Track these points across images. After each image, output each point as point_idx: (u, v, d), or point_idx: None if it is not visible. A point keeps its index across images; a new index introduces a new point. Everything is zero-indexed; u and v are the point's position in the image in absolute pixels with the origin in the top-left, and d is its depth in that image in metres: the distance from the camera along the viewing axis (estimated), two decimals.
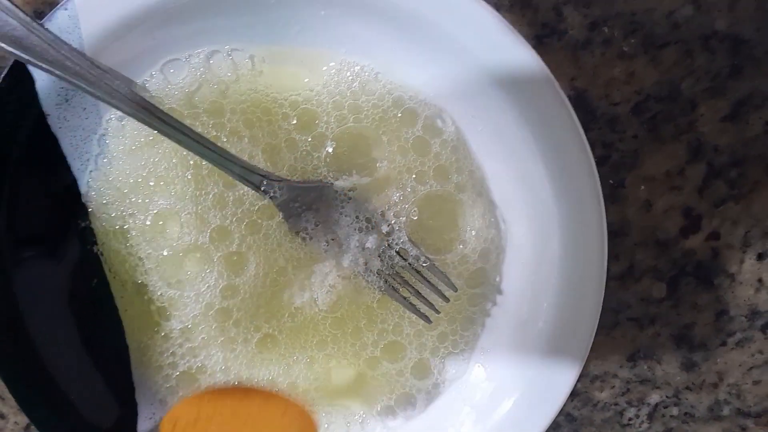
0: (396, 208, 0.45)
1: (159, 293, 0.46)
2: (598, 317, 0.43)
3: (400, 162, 0.45)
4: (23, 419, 0.51)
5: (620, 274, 0.50)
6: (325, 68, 0.45)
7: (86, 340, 0.45)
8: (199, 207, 0.45)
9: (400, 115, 0.45)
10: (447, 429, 0.46)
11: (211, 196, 0.45)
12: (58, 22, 0.40)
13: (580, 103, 0.48)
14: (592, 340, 0.44)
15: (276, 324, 0.46)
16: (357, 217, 0.45)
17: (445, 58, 0.43)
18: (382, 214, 0.45)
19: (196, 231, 0.45)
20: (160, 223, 0.45)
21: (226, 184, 0.45)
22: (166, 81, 0.44)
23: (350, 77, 0.44)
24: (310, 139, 0.45)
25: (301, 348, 0.47)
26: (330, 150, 0.45)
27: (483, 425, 0.45)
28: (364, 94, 0.45)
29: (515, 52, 0.41)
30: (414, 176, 0.45)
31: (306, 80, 0.45)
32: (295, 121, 0.45)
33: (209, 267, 0.45)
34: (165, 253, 0.45)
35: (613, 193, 0.49)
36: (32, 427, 0.49)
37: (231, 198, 0.45)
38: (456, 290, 0.46)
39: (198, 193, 0.44)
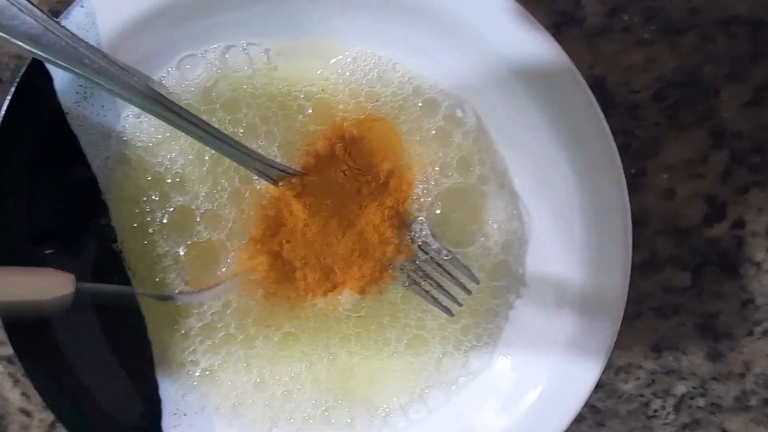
0: (419, 202, 0.45)
1: (177, 291, 0.45)
2: (623, 308, 0.43)
3: (422, 153, 0.45)
4: (49, 416, 0.51)
5: (642, 264, 0.49)
6: (340, 57, 0.44)
7: (109, 337, 0.45)
8: (216, 203, 0.44)
9: (420, 104, 0.45)
10: (471, 421, 0.46)
11: (228, 191, 0.44)
12: (74, 19, 0.41)
13: (599, 90, 0.47)
14: (617, 331, 0.43)
15: (298, 323, 0.46)
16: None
17: (464, 47, 0.42)
18: (406, 208, 0.45)
19: (212, 227, 0.45)
20: (177, 220, 0.45)
21: (243, 179, 0.44)
22: (182, 77, 0.44)
23: (367, 67, 0.44)
24: (327, 129, 0.44)
25: (324, 346, 0.46)
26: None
27: (507, 418, 0.45)
28: (381, 84, 0.44)
29: (535, 41, 0.41)
30: (437, 168, 0.45)
31: (320, 71, 0.45)
32: (310, 111, 0.44)
33: (225, 265, 0.45)
34: (182, 251, 0.45)
35: (633, 182, 0.48)
36: (58, 424, 0.49)
37: (248, 193, 0.44)
38: (478, 282, 0.45)
39: (215, 189, 0.44)
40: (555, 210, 0.44)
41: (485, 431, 0.45)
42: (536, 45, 0.41)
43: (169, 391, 0.46)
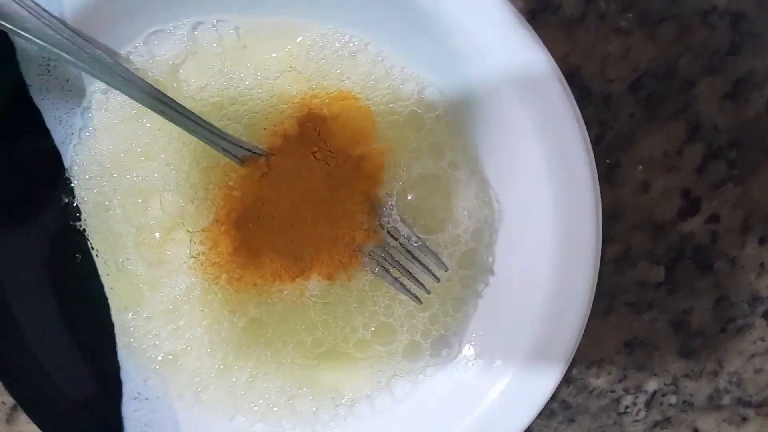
0: (390, 187, 0.44)
1: (139, 273, 0.44)
2: (591, 301, 0.42)
3: (393, 137, 0.44)
4: (9, 399, 0.50)
5: (616, 258, 0.49)
6: (309, 35, 0.43)
7: (71, 318, 0.44)
8: (181, 183, 0.44)
9: (393, 86, 0.44)
10: (436, 412, 0.45)
11: (193, 171, 0.43)
12: None
13: (575, 80, 0.47)
14: (584, 324, 0.42)
15: (264, 309, 0.45)
16: None
17: (436, 30, 0.41)
18: (377, 193, 0.44)
19: (177, 208, 0.44)
20: (140, 200, 0.44)
21: (209, 158, 0.43)
22: (150, 53, 0.43)
23: (337, 44, 0.43)
24: (295, 108, 0.43)
25: (290, 332, 0.46)
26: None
27: (473, 408, 0.44)
28: (353, 63, 0.43)
29: (509, 27, 0.40)
30: (409, 153, 0.44)
31: (289, 47, 0.44)
32: (278, 90, 0.43)
33: (190, 247, 0.44)
34: (145, 232, 0.44)
35: (608, 174, 0.48)
36: (19, 407, 0.48)
37: (213, 174, 0.43)
38: (447, 269, 0.44)
39: (180, 168, 0.43)
40: (526, 199, 0.43)
41: (450, 422, 0.44)
42: (510, 31, 0.40)
43: (131, 374, 0.45)
